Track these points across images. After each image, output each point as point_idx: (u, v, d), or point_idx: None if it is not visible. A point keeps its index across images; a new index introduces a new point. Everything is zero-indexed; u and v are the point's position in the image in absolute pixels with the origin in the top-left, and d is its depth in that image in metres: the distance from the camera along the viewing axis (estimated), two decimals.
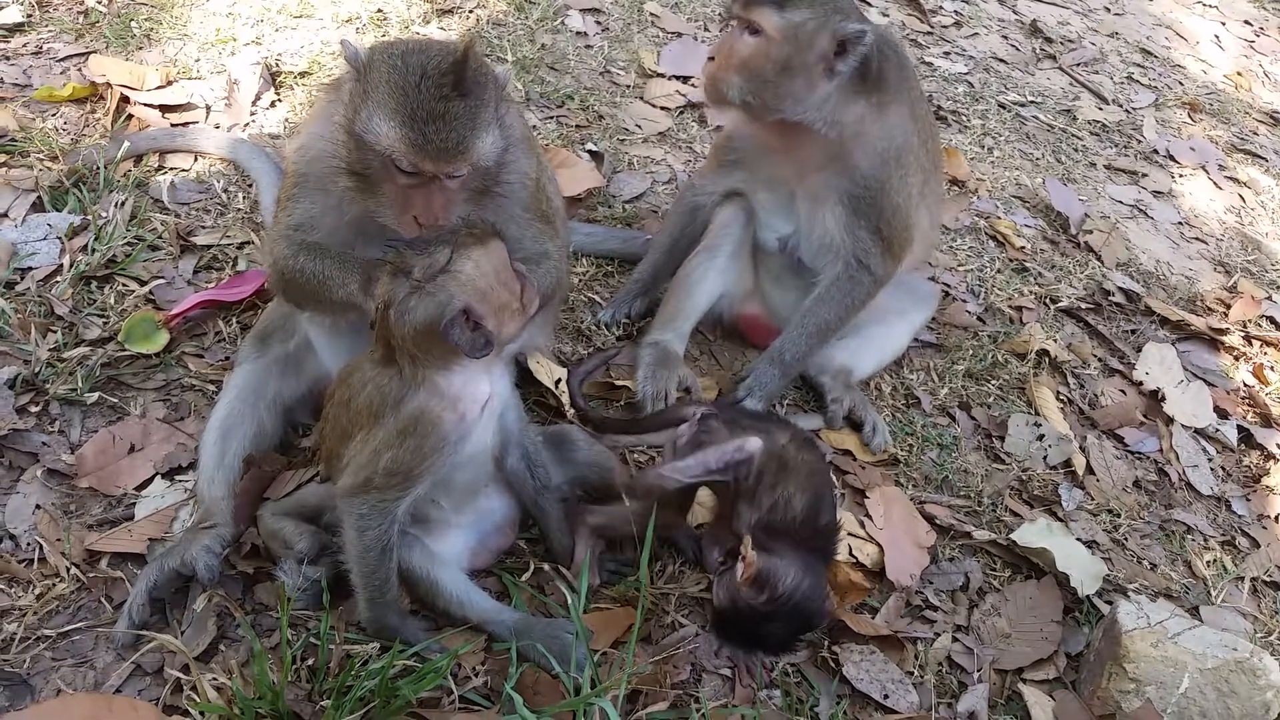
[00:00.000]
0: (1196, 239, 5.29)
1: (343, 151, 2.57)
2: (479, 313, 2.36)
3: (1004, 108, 5.86)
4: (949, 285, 4.28)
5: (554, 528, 2.83)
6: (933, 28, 6.47)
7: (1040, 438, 3.65)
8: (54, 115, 3.98)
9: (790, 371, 3.51)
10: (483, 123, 2.49)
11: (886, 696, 2.73)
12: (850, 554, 3.00)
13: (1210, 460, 3.89)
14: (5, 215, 3.48)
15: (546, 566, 2.83)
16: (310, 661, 2.46)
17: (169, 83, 4.23)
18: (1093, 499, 3.55)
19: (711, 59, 3.23)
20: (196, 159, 3.93)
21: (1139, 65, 6.88)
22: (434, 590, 2.58)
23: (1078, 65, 6.61)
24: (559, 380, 3.23)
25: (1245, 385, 4.32)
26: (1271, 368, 4.42)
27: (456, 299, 2.33)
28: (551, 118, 4.65)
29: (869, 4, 6.40)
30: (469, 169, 2.52)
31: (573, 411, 3.15)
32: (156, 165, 3.87)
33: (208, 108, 4.19)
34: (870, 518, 3.16)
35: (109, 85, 4.08)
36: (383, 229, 2.63)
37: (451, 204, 2.56)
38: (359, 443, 2.46)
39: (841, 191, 3.35)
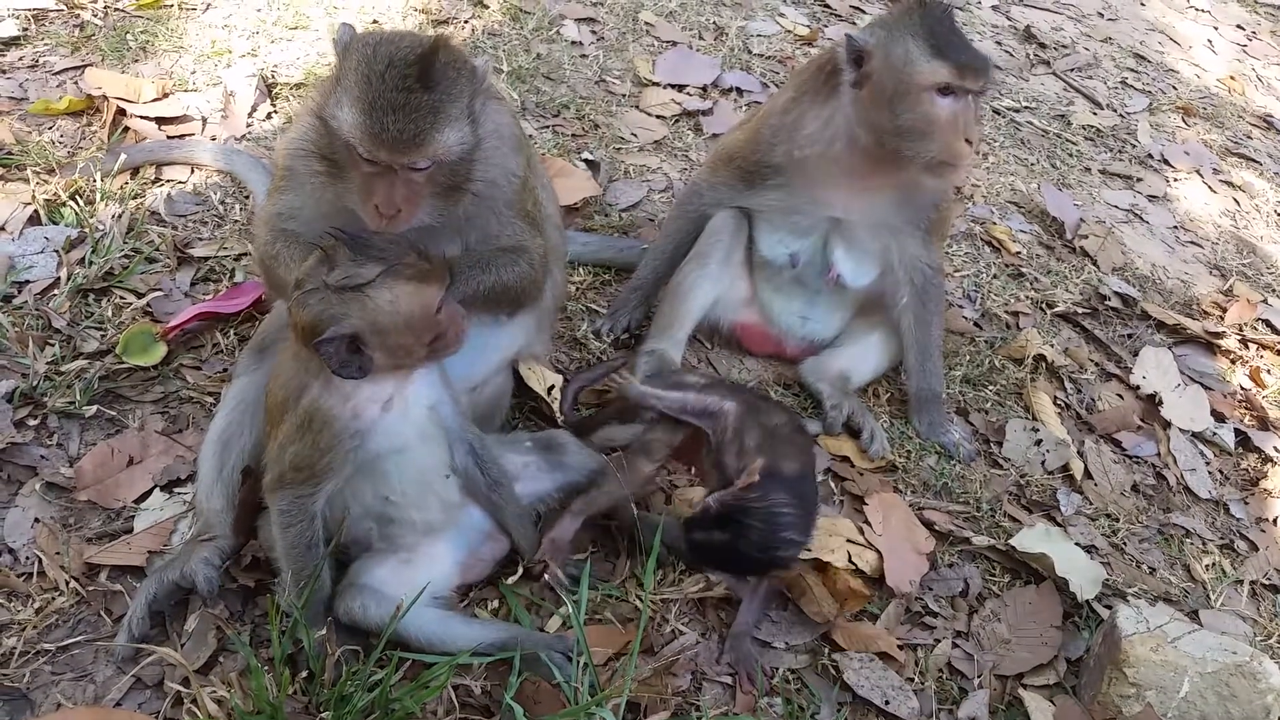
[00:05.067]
0: (1192, 243, 5.30)
1: (313, 135, 2.59)
2: (368, 343, 2.29)
3: (998, 113, 5.87)
4: (945, 291, 4.28)
5: (513, 523, 2.75)
6: None
7: (1038, 443, 3.65)
8: (50, 128, 3.98)
9: (942, 391, 3.66)
10: (446, 117, 2.47)
11: (888, 703, 2.73)
12: (850, 561, 3.00)
13: (1208, 464, 3.90)
14: (2, 228, 3.48)
15: (546, 577, 2.82)
16: (305, 673, 2.45)
17: (165, 95, 4.24)
18: (1091, 504, 3.55)
19: (969, 141, 3.25)
20: (193, 171, 3.94)
21: (1133, 70, 6.90)
22: (405, 640, 2.49)
23: (1072, 70, 6.63)
24: (551, 388, 3.22)
25: (1242, 388, 4.33)
26: (1268, 371, 4.43)
27: (351, 320, 2.27)
28: (547, 127, 4.66)
29: (863, 11, 6.43)
30: (430, 163, 2.50)
31: (562, 418, 3.15)
32: (153, 177, 3.87)
33: (204, 120, 4.20)
34: (869, 524, 3.16)
35: (105, 98, 4.08)
36: (361, 221, 2.62)
37: (416, 197, 2.54)
38: (271, 437, 2.48)
39: (918, 221, 3.50)
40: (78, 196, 3.65)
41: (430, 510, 2.64)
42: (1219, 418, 4.10)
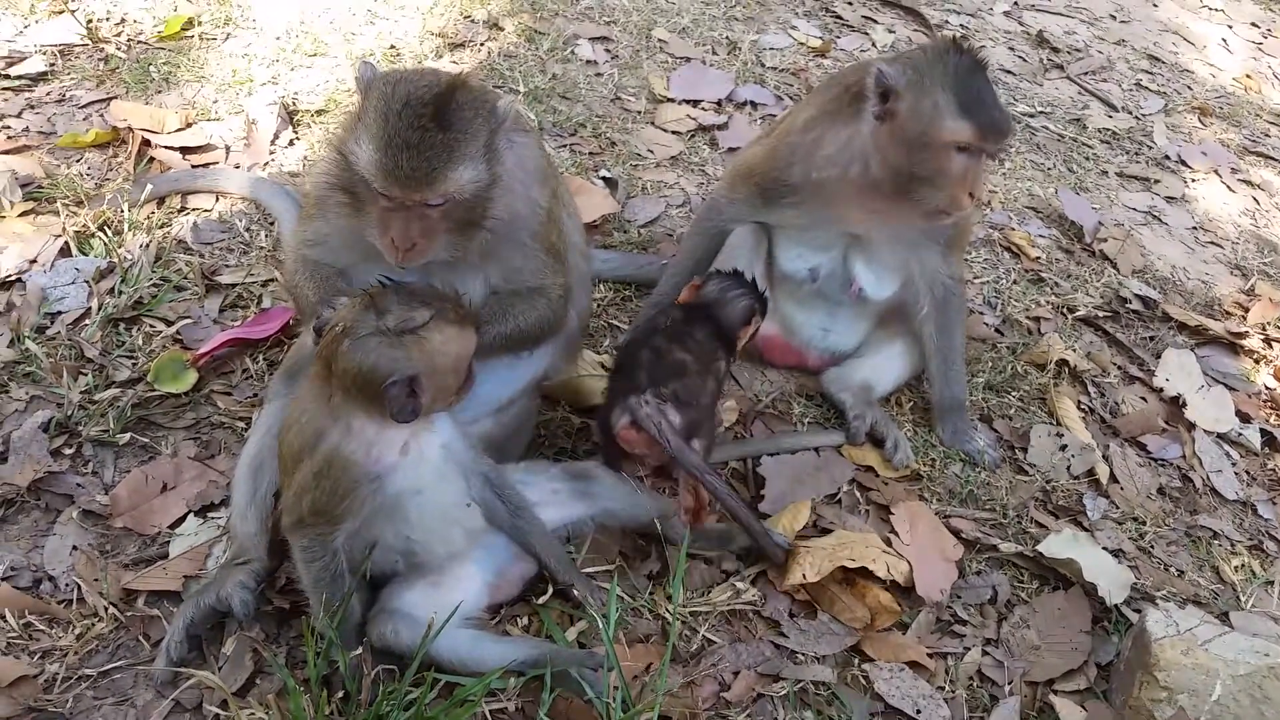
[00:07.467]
0: (1212, 243, 5.29)
1: (335, 169, 2.65)
2: (423, 385, 2.34)
3: (1014, 119, 5.87)
4: (966, 299, 4.29)
5: (540, 547, 2.75)
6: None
7: (1063, 448, 3.65)
8: (78, 161, 4.06)
9: (965, 399, 3.69)
10: (461, 156, 2.52)
11: (919, 712, 2.74)
12: (888, 571, 2.99)
13: (1234, 465, 3.88)
14: (34, 261, 3.55)
15: (575, 592, 2.84)
16: (342, 693, 2.48)
17: (189, 125, 4.30)
18: (1117, 507, 3.54)
19: (973, 195, 3.28)
20: (218, 199, 4.00)
21: (1147, 71, 6.89)
22: (438, 661, 2.49)
23: (1086, 74, 6.63)
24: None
25: (1266, 388, 4.31)
26: None
27: (413, 363, 2.31)
28: (564, 146, 4.70)
29: (876, 21, 6.45)
30: (443, 200, 2.55)
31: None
32: (179, 206, 3.94)
33: (227, 148, 4.26)
34: (896, 534, 3.17)
35: (130, 129, 4.16)
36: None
37: (432, 232, 2.59)
38: (286, 485, 2.50)
39: (936, 236, 3.50)
40: (106, 227, 3.71)
41: (454, 541, 2.66)
42: (1244, 418, 4.08)
